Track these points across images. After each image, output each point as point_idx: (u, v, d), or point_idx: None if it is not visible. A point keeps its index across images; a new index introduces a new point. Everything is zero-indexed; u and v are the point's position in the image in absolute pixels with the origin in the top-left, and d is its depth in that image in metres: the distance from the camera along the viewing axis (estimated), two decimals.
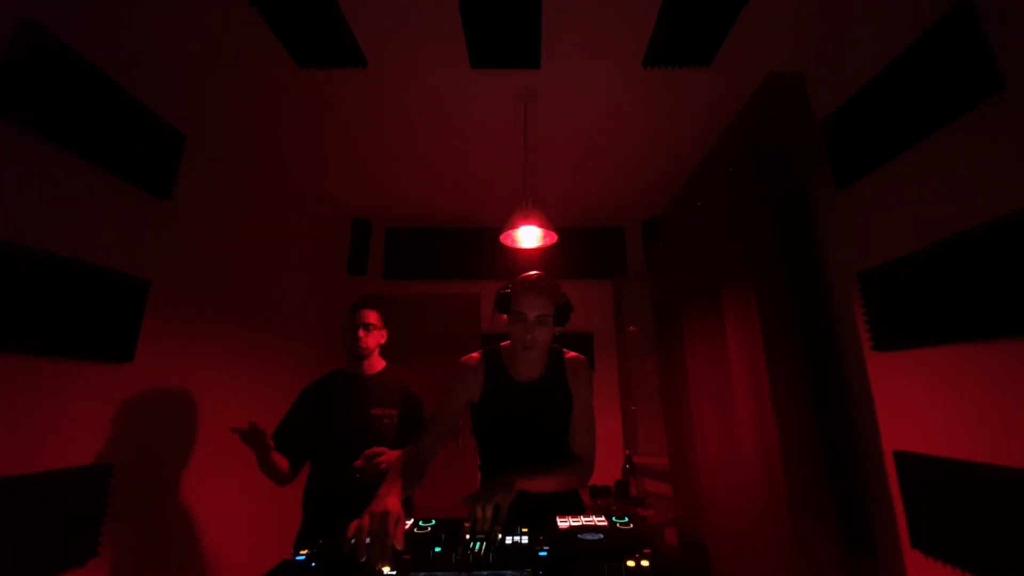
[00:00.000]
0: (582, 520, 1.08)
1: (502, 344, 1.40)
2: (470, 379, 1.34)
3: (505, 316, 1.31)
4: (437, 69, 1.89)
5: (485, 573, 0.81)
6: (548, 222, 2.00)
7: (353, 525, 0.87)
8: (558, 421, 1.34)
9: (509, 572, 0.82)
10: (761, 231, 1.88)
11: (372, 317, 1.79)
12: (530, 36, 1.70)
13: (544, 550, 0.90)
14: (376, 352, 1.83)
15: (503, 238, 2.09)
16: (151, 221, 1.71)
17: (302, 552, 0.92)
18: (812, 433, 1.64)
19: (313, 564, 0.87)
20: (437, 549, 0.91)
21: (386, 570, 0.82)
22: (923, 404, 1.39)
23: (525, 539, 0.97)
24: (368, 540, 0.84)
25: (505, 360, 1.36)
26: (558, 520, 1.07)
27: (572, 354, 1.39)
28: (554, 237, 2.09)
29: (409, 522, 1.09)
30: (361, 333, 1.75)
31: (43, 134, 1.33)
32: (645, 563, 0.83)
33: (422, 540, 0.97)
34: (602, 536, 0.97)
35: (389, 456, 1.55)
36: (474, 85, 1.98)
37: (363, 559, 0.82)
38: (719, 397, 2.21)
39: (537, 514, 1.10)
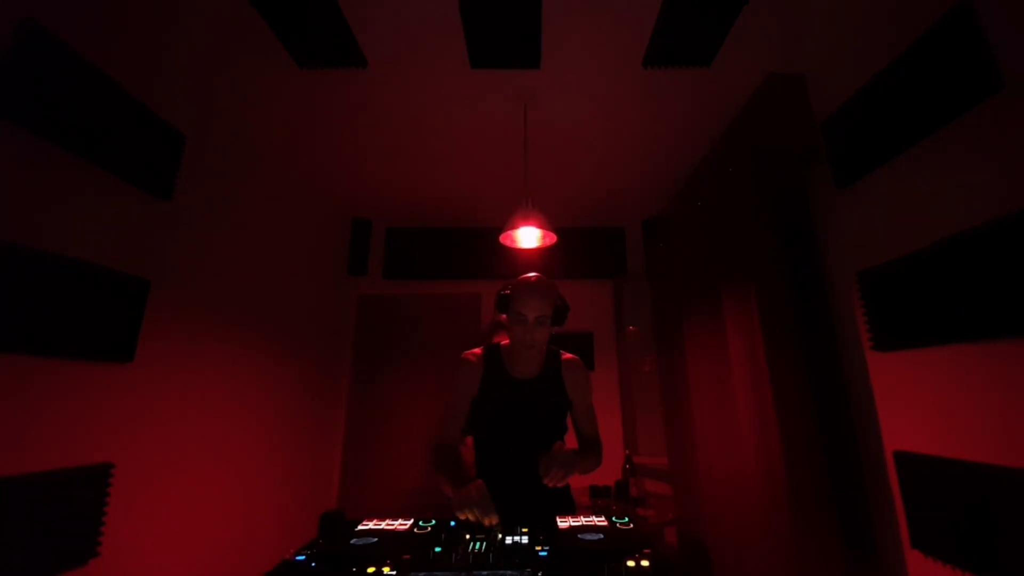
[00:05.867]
0: (582, 520, 1.08)
1: (501, 343, 1.48)
2: (471, 373, 1.41)
3: (504, 316, 1.40)
4: (437, 69, 1.89)
5: (485, 573, 0.81)
6: (548, 222, 2.00)
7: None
8: (552, 417, 1.43)
9: (509, 572, 0.82)
10: (761, 231, 1.88)
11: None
12: (530, 36, 1.70)
13: (544, 550, 0.90)
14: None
15: (503, 238, 2.08)
16: (151, 221, 1.71)
17: (302, 552, 0.92)
18: (812, 433, 1.64)
19: (313, 564, 0.87)
20: (437, 549, 0.91)
21: (386, 570, 0.82)
22: (923, 404, 1.39)
23: (525, 539, 0.97)
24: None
25: (504, 357, 1.43)
26: (558, 520, 1.07)
27: (568, 355, 1.47)
28: (554, 237, 2.09)
29: (408, 522, 1.10)
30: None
31: (43, 134, 1.32)
32: (645, 563, 0.84)
33: (422, 540, 0.97)
34: (602, 536, 0.97)
35: None
36: (474, 85, 1.98)
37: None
38: (719, 397, 2.20)
39: (536, 512, 1.11)
